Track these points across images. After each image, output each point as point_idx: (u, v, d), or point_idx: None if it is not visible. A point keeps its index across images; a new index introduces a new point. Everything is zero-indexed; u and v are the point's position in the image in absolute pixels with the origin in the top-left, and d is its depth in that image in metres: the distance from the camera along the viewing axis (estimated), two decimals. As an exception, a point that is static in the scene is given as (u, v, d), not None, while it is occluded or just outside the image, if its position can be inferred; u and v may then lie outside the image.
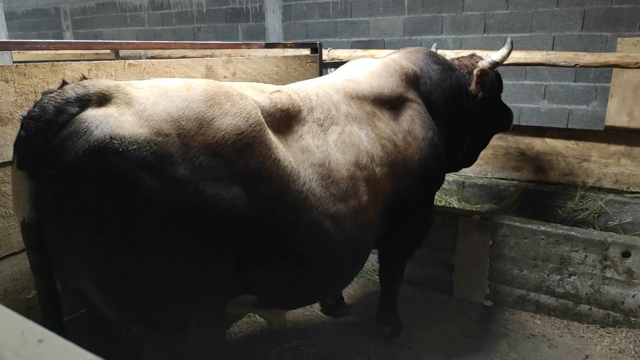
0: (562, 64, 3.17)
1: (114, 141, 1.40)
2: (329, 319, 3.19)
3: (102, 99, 1.50)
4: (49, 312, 1.55)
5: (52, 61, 2.01)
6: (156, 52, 4.52)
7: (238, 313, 3.09)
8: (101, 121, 1.43)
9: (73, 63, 2.01)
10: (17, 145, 1.43)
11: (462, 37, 5.60)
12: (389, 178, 2.31)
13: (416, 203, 2.60)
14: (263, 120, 1.78)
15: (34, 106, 1.45)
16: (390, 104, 2.50)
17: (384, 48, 6.09)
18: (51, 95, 1.46)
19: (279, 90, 2.03)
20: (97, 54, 4.52)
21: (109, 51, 4.36)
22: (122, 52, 4.42)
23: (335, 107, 2.21)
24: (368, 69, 2.61)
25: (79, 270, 1.53)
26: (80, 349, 0.35)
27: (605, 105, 4.95)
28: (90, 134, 1.40)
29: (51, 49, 1.87)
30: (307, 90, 2.17)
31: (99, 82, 1.53)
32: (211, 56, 4.28)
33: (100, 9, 8.97)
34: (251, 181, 1.67)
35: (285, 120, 1.95)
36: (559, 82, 5.22)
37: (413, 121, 2.54)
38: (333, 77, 2.55)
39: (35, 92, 1.89)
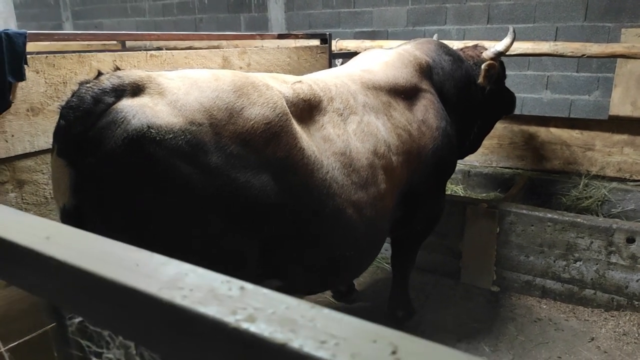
0: (570, 54, 3.23)
1: (152, 130, 1.46)
2: (341, 305, 3.27)
3: (136, 89, 1.55)
4: None
5: (78, 52, 2.05)
6: (161, 42, 4.55)
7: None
8: (137, 111, 1.48)
9: (99, 54, 2.06)
10: (56, 134, 1.48)
11: (466, 27, 5.64)
12: (404, 166, 2.37)
13: (429, 191, 2.66)
14: (288, 110, 1.84)
15: (72, 96, 1.50)
16: (405, 94, 2.55)
17: (387, 38, 6.12)
18: (88, 85, 1.51)
19: (300, 81, 2.08)
20: (104, 44, 4.54)
21: (115, 42, 4.39)
22: (127, 44, 4.44)
23: (353, 97, 2.26)
24: (383, 59, 2.67)
25: None
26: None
27: (607, 95, 5.03)
28: (128, 123, 1.45)
29: (78, 40, 1.91)
30: (326, 81, 2.22)
31: (133, 73, 1.58)
32: (218, 47, 4.31)
33: (101, 0, 8.93)
34: (279, 169, 1.73)
35: (307, 110, 2.01)
36: (561, 72, 5.29)
37: (427, 111, 2.60)
38: (349, 68, 2.60)
39: (64, 82, 1.94)
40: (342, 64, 3.99)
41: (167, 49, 4.54)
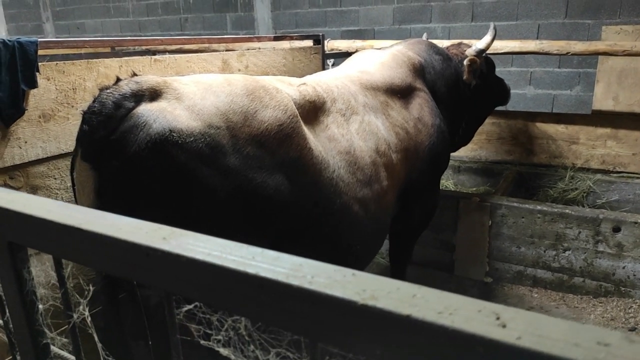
0: (555, 52, 3.36)
1: (173, 134, 1.51)
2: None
3: (154, 94, 1.60)
4: (108, 298, 1.66)
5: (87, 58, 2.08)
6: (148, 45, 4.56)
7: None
8: (158, 115, 1.53)
9: (106, 60, 2.09)
10: (80, 138, 1.53)
11: (451, 25, 5.76)
12: (403, 163, 2.46)
13: (426, 186, 2.76)
14: (297, 112, 1.90)
15: (94, 101, 1.54)
16: (400, 93, 2.64)
17: (374, 37, 6.21)
18: (108, 91, 1.55)
19: (304, 83, 2.15)
20: (94, 49, 4.53)
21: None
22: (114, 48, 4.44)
23: (354, 98, 2.34)
24: (378, 60, 2.75)
25: None
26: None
27: (589, 90, 5.20)
28: (150, 127, 1.50)
29: (87, 47, 1.95)
30: (327, 83, 2.29)
31: (150, 78, 1.63)
32: (205, 51, 4.35)
33: (82, 0, 8.83)
34: (291, 170, 1.80)
35: (312, 111, 2.08)
36: (544, 68, 5.45)
37: (422, 109, 2.69)
38: (347, 69, 2.67)
39: (73, 88, 1.97)
40: (333, 64, 4.06)
41: (156, 52, 4.55)
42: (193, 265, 0.45)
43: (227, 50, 3.98)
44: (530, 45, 3.46)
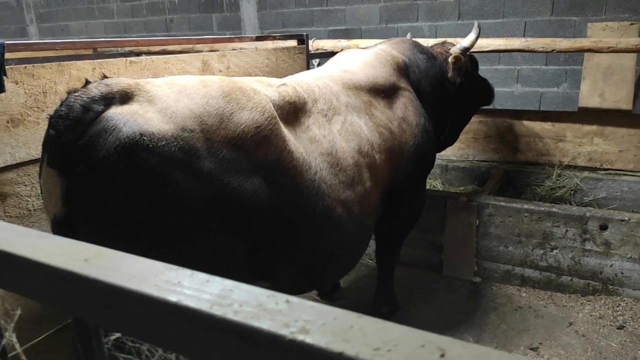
0: (540, 49, 3.34)
1: (144, 137, 1.46)
2: (326, 303, 3.29)
3: (125, 97, 1.54)
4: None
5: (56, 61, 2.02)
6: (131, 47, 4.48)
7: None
8: (128, 119, 1.48)
9: (78, 62, 2.03)
10: (47, 144, 1.47)
11: (438, 24, 5.74)
12: (387, 163, 2.42)
13: (411, 186, 2.72)
14: (276, 113, 1.85)
15: (61, 105, 1.48)
16: (384, 92, 2.60)
17: (361, 36, 6.17)
18: (77, 94, 1.49)
19: (284, 84, 2.10)
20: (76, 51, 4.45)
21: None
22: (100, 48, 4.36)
23: (336, 98, 2.29)
24: (362, 59, 2.70)
25: None
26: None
27: (576, 87, 5.20)
28: (119, 131, 1.45)
29: (57, 49, 1.89)
30: (309, 83, 2.25)
31: (121, 81, 1.57)
32: (188, 52, 4.28)
33: (66, 1, 8.71)
34: (270, 173, 1.75)
35: (293, 112, 2.03)
36: (531, 65, 5.44)
37: (406, 108, 2.65)
38: (329, 69, 2.63)
39: (44, 92, 1.91)
40: (319, 64, 4.01)
41: (136, 53, 4.47)
42: (110, 292, 0.40)
43: (209, 51, 3.92)
44: (516, 42, 3.44)
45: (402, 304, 3.21)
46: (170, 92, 1.63)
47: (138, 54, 4.79)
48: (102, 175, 1.46)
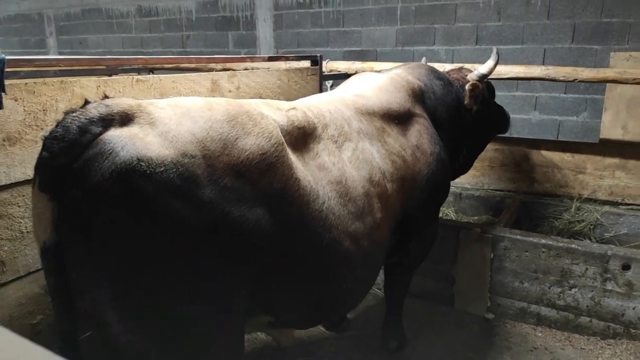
0: (562, 78, 3.23)
1: (141, 163, 1.37)
2: (332, 335, 3.16)
3: (125, 119, 1.46)
4: (68, 336, 1.50)
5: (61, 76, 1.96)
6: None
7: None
8: (126, 142, 1.39)
9: (82, 79, 1.97)
10: (39, 166, 1.39)
11: (455, 48, 5.67)
12: (399, 193, 2.31)
13: (424, 217, 2.60)
14: (283, 139, 1.76)
15: (57, 126, 1.40)
16: (398, 119, 2.50)
17: (376, 59, 6.12)
18: (74, 114, 1.42)
19: (294, 108, 2.02)
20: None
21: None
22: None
23: (348, 124, 2.20)
24: (375, 84, 2.62)
25: (100, 294, 1.48)
26: None
27: (596, 117, 5.06)
28: (116, 155, 1.36)
29: (60, 66, 1.83)
30: (320, 107, 2.16)
31: (122, 101, 1.50)
32: (196, 69, 4.25)
33: (86, 15, 8.83)
34: (274, 202, 1.65)
35: (302, 138, 1.94)
36: (549, 93, 5.32)
37: (421, 136, 2.55)
38: (342, 93, 2.54)
39: (44, 110, 1.84)
40: (332, 86, 3.94)
41: (153, 69, 4.45)
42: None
43: (220, 71, 3.88)
44: (536, 70, 3.33)
45: (410, 338, 3.06)
46: (173, 115, 1.55)
47: (151, 71, 4.79)
48: (96, 202, 1.37)
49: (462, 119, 3.00)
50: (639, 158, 3.60)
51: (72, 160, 1.38)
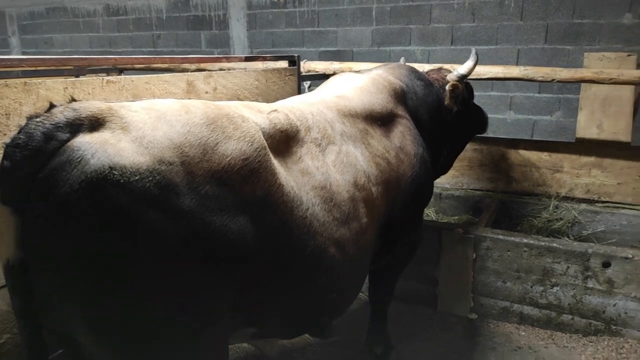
0: (540, 79, 3.23)
1: (114, 172, 1.26)
2: (315, 341, 3.09)
3: (95, 124, 1.35)
4: (37, 357, 1.38)
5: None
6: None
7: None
8: (97, 149, 1.28)
9: (47, 81, 1.84)
10: (0, 177, 1.27)
11: (431, 48, 5.67)
12: (384, 197, 2.25)
13: (409, 220, 2.55)
14: (266, 143, 1.68)
15: (19, 132, 1.28)
16: (381, 120, 2.45)
17: (352, 59, 6.08)
18: (38, 120, 1.30)
19: (275, 110, 1.93)
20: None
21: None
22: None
23: (331, 126, 2.13)
24: (357, 84, 2.55)
25: (70, 313, 1.37)
26: None
27: (569, 116, 5.14)
28: (86, 164, 1.25)
29: (24, 66, 1.70)
30: (302, 109, 2.08)
31: (91, 105, 1.38)
32: (168, 69, 4.11)
33: (50, 14, 8.51)
34: (257, 210, 1.57)
35: (284, 141, 1.86)
36: (524, 93, 5.38)
37: (404, 137, 2.50)
38: (322, 94, 2.47)
39: (7, 114, 1.71)
40: (309, 86, 3.86)
41: (123, 70, 4.28)
42: None
43: (196, 71, 3.75)
44: (514, 71, 3.33)
45: (396, 343, 3.01)
46: (148, 119, 1.44)
47: (121, 71, 4.61)
48: (64, 215, 1.25)
49: (442, 119, 2.97)
50: (614, 156, 3.65)
51: (36, 170, 1.26)
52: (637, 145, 3.92)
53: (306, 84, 3.88)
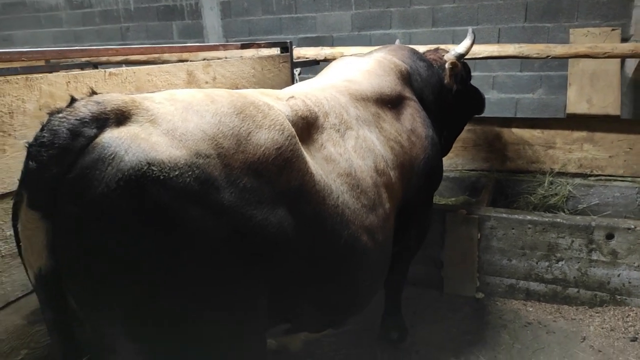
0: (535, 55, 3.24)
1: (152, 167, 1.17)
2: (329, 332, 3.03)
3: (121, 117, 1.24)
4: None
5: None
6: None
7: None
8: (129, 144, 1.18)
9: (49, 76, 1.70)
10: (25, 179, 1.15)
11: (412, 31, 5.64)
12: (400, 180, 2.21)
13: (422, 203, 2.53)
14: (294, 131, 1.60)
15: (42, 130, 1.17)
16: (391, 103, 2.39)
17: (332, 44, 5.98)
18: (61, 115, 1.18)
19: (293, 96, 1.85)
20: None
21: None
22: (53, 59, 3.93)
23: (346, 111, 2.06)
24: (364, 68, 2.49)
25: (108, 323, 1.27)
26: None
27: (551, 93, 5.22)
28: (120, 161, 1.15)
29: (24, 60, 1.56)
30: (316, 95, 2.00)
31: (114, 97, 1.27)
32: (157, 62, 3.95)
33: (8, 10, 8.06)
34: (294, 201, 1.49)
35: (305, 129, 1.78)
36: (506, 72, 5.42)
37: (414, 120, 2.45)
38: (331, 79, 2.39)
39: (10, 112, 1.57)
40: (300, 73, 3.77)
41: (97, 64, 4.09)
42: None
43: (178, 61, 3.60)
44: (510, 49, 3.33)
45: (409, 327, 2.99)
46: (174, 110, 1.34)
47: (95, 66, 4.40)
48: (100, 217, 1.15)
49: (444, 100, 2.95)
50: (604, 130, 3.72)
51: (65, 170, 1.15)
52: (627, 119, 4.01)
53: (297, 70, 3.79)
